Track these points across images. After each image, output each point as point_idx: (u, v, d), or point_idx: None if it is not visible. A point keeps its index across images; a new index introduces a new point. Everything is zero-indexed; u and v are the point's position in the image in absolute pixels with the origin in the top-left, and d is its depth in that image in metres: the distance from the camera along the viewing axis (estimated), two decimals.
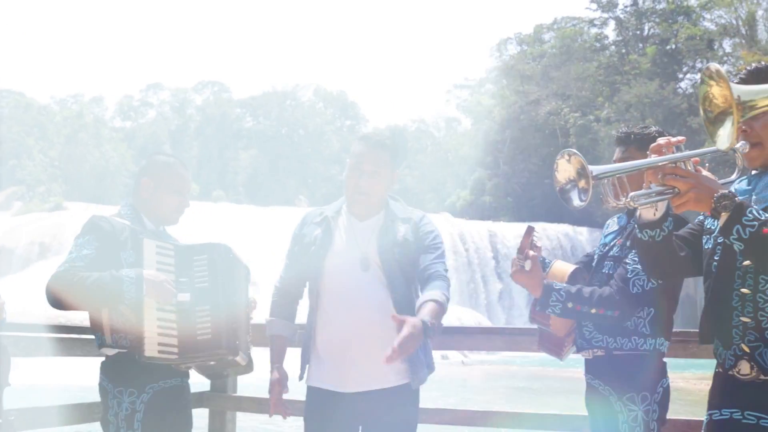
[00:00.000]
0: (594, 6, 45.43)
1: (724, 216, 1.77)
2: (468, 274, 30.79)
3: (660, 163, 1.84)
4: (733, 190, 1.96)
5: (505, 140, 42.58)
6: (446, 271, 2.60)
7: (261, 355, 2.89)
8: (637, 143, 2.52)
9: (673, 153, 1.86)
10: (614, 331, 2.44)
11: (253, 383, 3.30)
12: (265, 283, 3.08)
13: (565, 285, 2.45)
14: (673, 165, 1.83)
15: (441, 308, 2.41)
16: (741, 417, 1.89)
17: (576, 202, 1.85)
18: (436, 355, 2.88)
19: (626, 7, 44.97)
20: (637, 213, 2.03)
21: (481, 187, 42.60)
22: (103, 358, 2.66)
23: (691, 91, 42.35)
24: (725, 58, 42.64)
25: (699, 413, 2.41)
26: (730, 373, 1.92)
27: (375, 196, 2.64)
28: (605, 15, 45.44)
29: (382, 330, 2.47)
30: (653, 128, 2.55)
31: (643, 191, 1.87)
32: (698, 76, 42.70)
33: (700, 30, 41.65)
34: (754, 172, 1.99)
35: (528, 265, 2.43)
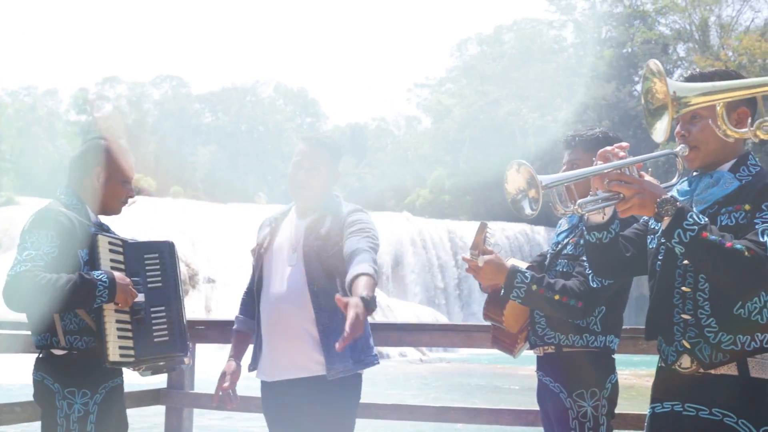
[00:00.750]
0: (553, 8, 46.13)
1: (666, 220, 1.85)
2: (427, 272, 30.95)
3: (606, 170, 1.91)
4: (675, 192, 2.05)
5: (464, 139, 42.92)
6: (371, 248, 2.56)
7: (217, 353, 2.91)
8: (583, 145, 2.57)
9: (618, 160, 1.92)
10: (566, 327, 2.48)
11: (210, 380, 3.29)
12: (223, 280, 3.11)
13: (529, 270, 2.46)
14: (618, 171, 1.90)
15: (372, 280, 2.39)
16: (681, 409, 1.97)
17: (527, 211, 1.90)
18: (394, 351, 2.90)
19: (584, 9, 45.75)
20: (585, 217, 2.09)
21: (440, 186, 42.88)
22: (36, 357, 2.55)
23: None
24: (679, 62, 43.67)
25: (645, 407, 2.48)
26: (673, 367, 1.99)
27: (313, 189, 2.74)
28: (564, 17, 46.19)
29: (299, 321, 2.61)
30: (598, 130, 2.61)
31: (590, 198, 1.94)
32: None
33: (656, 34, 42.60)
34: (694, 173, 2.07)
35: (482, 261, 2.43)
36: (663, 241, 2.00)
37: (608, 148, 1.96)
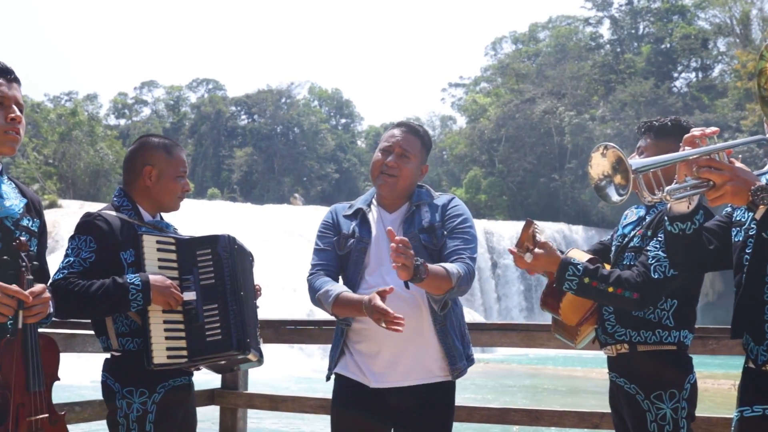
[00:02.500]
0: (589, 5, 45.54)
1: (762, 209, 1.74)
2: None
3: (694, 156, 1.79)
4: (765, 181, 1.92)
5: (500, 139, 42.59)
6: (472, 260, 2.47)
7: (271, 352, 2.84)
8: (653, 132, 2.50)
9: (706, 145, 1.82)
10: (637, 323, 2.38)
11: (265, 381, 3.27)
12: (262, 281, 2.92)
13: (583, 262, 2.37)
14: (708, 157, 1.78)
15: (446, 275, 2.33)
16: None
17: (614, 197, 1.79)
18: None
19: (621, 6, 45.10)
20: (667, 205, 1.98)
21: (476, 186, 42.61)
22: (107, 356, 2.54)
23: (686, 89, 42.50)
24: (719, 57, 42.80)
25: (720, 411, 2.36)
26: (764, 368, 1.88)
27: (403, 178, 2.55)
28: (600, 14, 45.60)
29: (414, 321, 2.43)
30: (669, 117, 2.53)
31: (678, 185, 1.83)
32: (693, 75, 43.01)
33: (695, 29, 41.79)
34: None
35: (528, 257, 2.38)
36: (752, 232, 1.89)
37: (696, 132, 1.84)
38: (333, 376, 2.62)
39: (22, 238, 2.07)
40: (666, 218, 2.00)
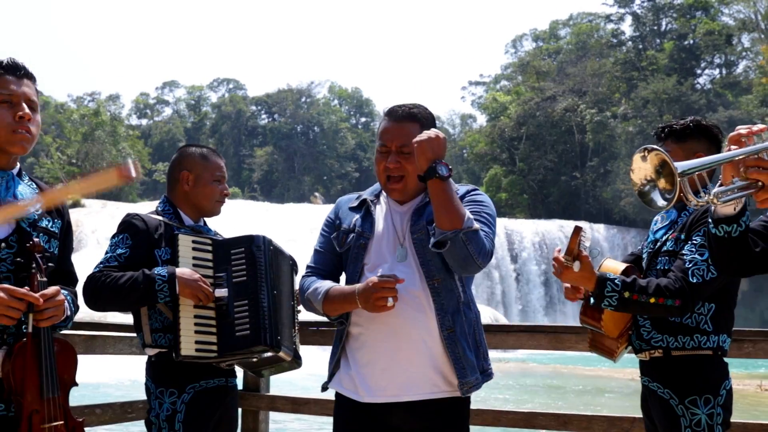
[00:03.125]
0: (610, 1, 45.11)
1: None
2: (484, 271, 30.69)
3: (741, 156, 1.70)
4: None
5: (520, 137, 42.36)
6: (490, 239, 2.17)
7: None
8: (674, 136, 2.44)
9: (753, 143, 1.72)
10: (675, 329, 2.33)
11: (287, 381, 3.23)
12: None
13: (619, 275, 2.31)
14: (756, 157, 1.69)
15: (460, 209, 2.08)
16: None
17: (660, 203, 1.70)
18: None
19: (643, 2, 44.61)
20: (712, 208, 1.90)
21: (496, 185, 42.41)
22: (148, 358, 2.59)
23: (709, 86, 41.96)
24: (744, 53, 42.20)
25: (758, 416, 2.29)
26: None
27: (411, 176, 2.20)
28: (622, 10, 45.12)
29: (417, 327, 2.15)
30: (689, 119, 2.46)
31: (725, 187, 1.74)
32: (716, 71, 42.43)
33: (719, 25, 41.22)
34: None
35: (577, 266, 2.28)
36: None
37: (742, 130, 1.74)
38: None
39: (36, 240, 2.01)
40: (710, 221, 1.90)
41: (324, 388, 2.32)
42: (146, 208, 2.70)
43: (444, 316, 2.16)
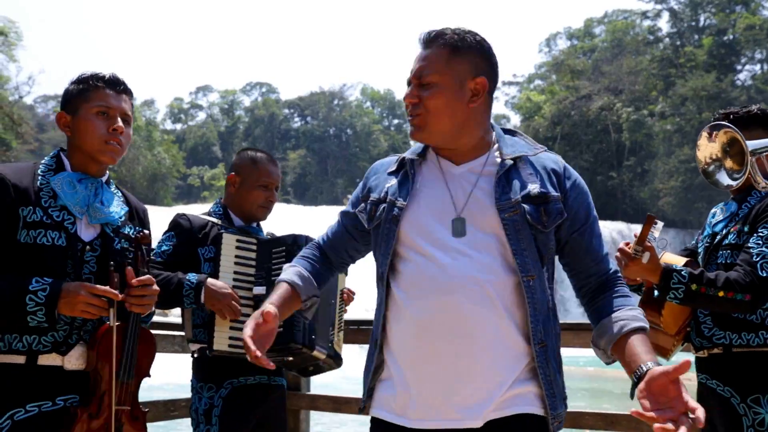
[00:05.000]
0: None
1: None
2: None
3: None
4: None
5: (555, 137, 41.93)
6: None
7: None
8: (742, 124, 2.21)
9: None
10: (738, 325, 2.24)
11: (329, 382, 3.21)
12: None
13: (686, 267, 2.19)
14: None
15: (647, 336, 1.58)
16: None
17: (726, 182, 1.66)
18: None
19: None
20: (765, 194, 1.81)
21: None
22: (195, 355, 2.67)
23: (750, 82, 41.04)
24: None
25: None
26: None
27: (433, 115, 1.66)
28: (658, 6, 44.43)
29: (499, 334, 1.57)
30: (756, 107, 2.30)
31: None
32: (757, 67, 41.50)
33: (760, 19, 40.30)
34: None
35: (646, 257, 2.15)
36: None
37: None
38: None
39: (145, 231, 2.16)
40: None
41: (362, 408, 1.75)
42: (180, 211, 2.80)
43: (536, 325, 1.60)
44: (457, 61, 1.66)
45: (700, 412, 1.31)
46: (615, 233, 32.72)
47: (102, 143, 2.08)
